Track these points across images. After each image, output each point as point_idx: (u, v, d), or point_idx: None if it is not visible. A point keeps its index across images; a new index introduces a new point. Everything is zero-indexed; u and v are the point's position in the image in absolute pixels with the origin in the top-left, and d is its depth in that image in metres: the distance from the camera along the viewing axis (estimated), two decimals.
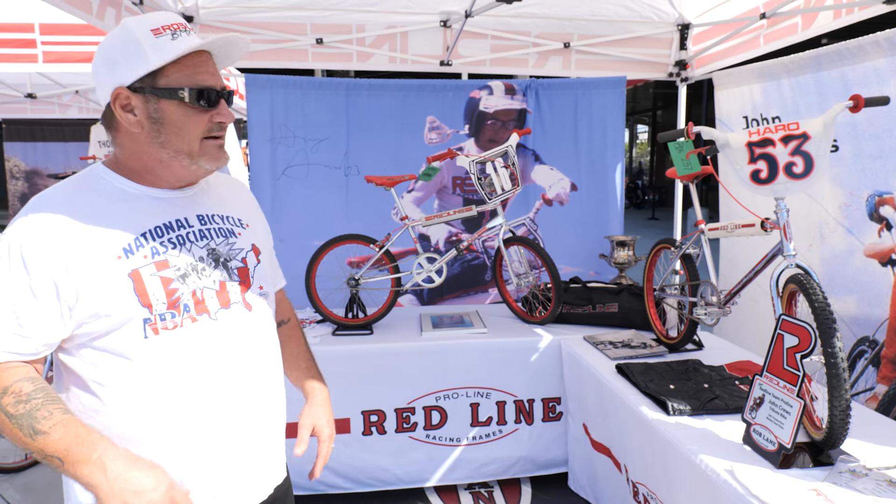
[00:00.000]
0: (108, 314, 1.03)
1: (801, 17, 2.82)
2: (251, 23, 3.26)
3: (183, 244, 1.13)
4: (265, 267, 1.28)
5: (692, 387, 2.11)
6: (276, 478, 1.28)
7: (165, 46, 1.05)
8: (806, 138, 1.76)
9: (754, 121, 3.22)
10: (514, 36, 3.49)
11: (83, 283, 1.01)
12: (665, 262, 2.68)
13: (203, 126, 1.10)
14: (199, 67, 1.10)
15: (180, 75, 1.07)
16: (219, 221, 1.21)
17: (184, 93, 1.07)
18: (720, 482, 1.55)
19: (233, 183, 1.36)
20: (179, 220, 1.14)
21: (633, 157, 27.68)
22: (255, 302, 1.22)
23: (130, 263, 1.05)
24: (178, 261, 1.11)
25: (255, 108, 3.48)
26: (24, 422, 0.98)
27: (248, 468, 1.19)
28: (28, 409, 0.98)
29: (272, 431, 1.25)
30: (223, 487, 1.15)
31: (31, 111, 5.58)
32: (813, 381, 1.69)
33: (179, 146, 1.09)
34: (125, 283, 1.04)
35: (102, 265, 1.03)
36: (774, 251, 1.93)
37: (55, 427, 0.97)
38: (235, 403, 1.16)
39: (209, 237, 1.17)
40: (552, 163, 3.75)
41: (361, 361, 2.71)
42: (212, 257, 1.16)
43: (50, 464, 0.99)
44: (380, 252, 2.89)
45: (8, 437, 1.00)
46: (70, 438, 0.97)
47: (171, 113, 1.07)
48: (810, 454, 1.61)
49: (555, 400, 2.84)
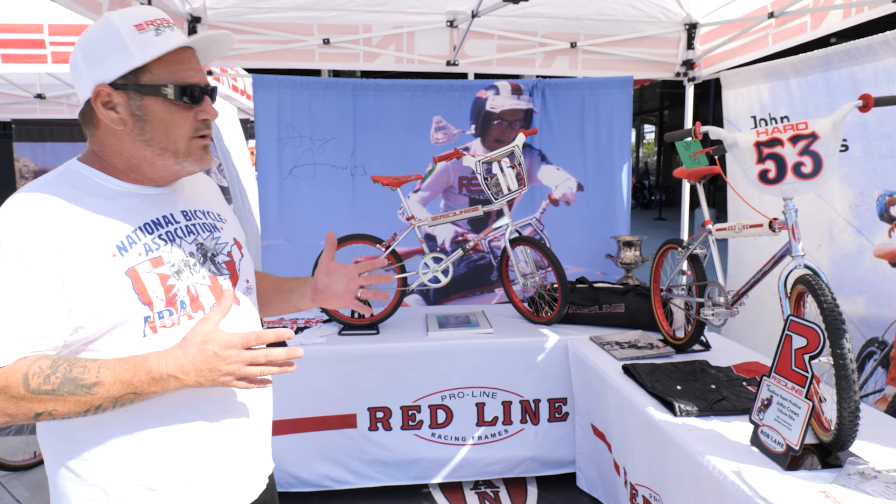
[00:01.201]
0: (107, 314, 1.00)
1: (810, 16, 2.80)
2: (259, 23, 3.27)
3: (173, 240, 1.11)
4: (248, 260, 1.29)
5: (699, 388, 2.10)
6: (267, 470, 1.30)
7: (150, 43, 1.03)
8: (815, 138, 1.74)
9: (762, 120, 3.20)
10: (521, 36, 3.48)
11: (80, 281, 0.98)
12: (672, 263, 2.67)
13: (189, 124, 1.09)
14: (184, 64, 1.08)
15: (164, 72, 1.05)
16: (201, 217, 1.20)
17: (168, 90, 1.05)
18: (727, 484, 1.54)
19: (203, 179, 1.35)
20: (166, 217, 1.13)
21: (640, 157, 27.59)
22: (243, 297, 1.22)
23: (126, 261, 1.03)
24: (171, 257, 1.09)
25: (262, 109, 3.49)
26: (69, 388, 0.94)
27: (244, 462, 1.20)
28: (61, 376, 0.95)
29: (263, 425, 1.27)
30: (222, 482, 1.15)
31: (41, 111, 5.61)
32: (821, 382, 1.68)
33: (165, 144, 1.07)
34: (123, 282, 1.02)
35: (97, 263, 1.00)
36: (783, 252, 1.92)
37: (101, 372, 0.96)
38: (231, 399, 1.16)
39: (196, 232, 1.16)
40: (558, 163, 3.74)
41: (367, 361, 2.72)
42: (200, 252, 1.15)
43: (125, 403, 0.98)
44: (386, 252, 2.89)
45: (69, 412, 0.96)
46: (123, 373, 0.96)
47: (155, 110, 1.05)
48: (819, 456, 1.60)
49: (561, 400, 2.83)
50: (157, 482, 1.08)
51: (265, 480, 1.28)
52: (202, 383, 1.01)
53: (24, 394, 0.94)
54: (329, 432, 2.73)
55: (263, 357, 1.02)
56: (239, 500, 1.20)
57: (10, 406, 0.95)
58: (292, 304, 1.42)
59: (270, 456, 1.33)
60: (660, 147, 24.76)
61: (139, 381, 0.97)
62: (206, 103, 1.11)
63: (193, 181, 1.27)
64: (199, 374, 1.00)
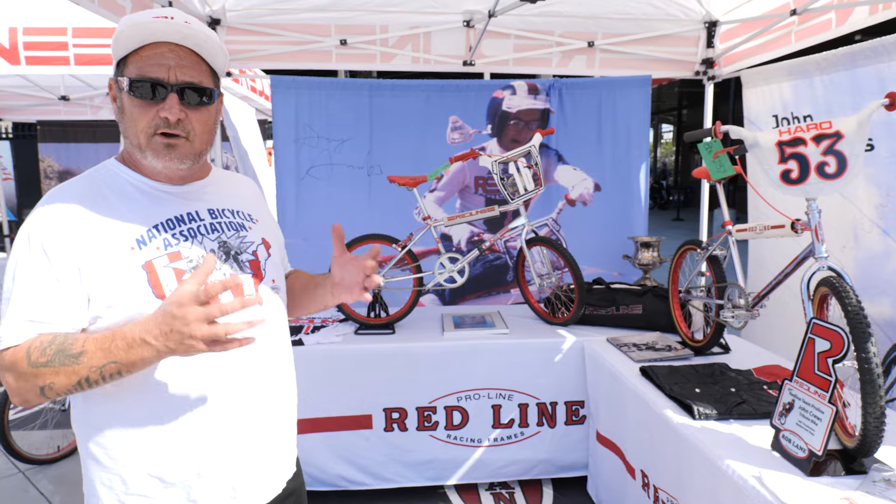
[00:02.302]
0: (122, 305, 1.03)
1: (834, 13, 2.74)
2: (277, 24, 3.30)
3: (194, 237, 1.13)
4: (276, 261, 1.29)
5: (718, 391, 2.07)
6: (289, 470, 1.29)
7: (133, 37, 1.06)
8: (839, 137, 1.71)
9: (784, 120, 3.15)
10: (538, 35, 3.46)
11: (99, 272, 1.03)
12: (691, 264, 2.64)
13: (146, 119, 1.07)
14: (154, 59, 1.06)
15: (132, 66, 1.07)
16: (229, 216, 1.22)
17: (123, 82, 1.07)
18: (748, 489, 1.52)
19: (241, 179, 1.37)
20: (190, 214, 1.15)
21: (658, 157, 27.33)
22: (268, 296, 1.22)
23: (144, 255, 1.06)
24: (190, 253, 1.11)
25: (280, 109, 3.52)
26: (60, 359, 0.96)
27: (263, 460, 1.20)
28: (55, 348, 0.97)
29: (285, 424, 1.26)
30: (241, 479, 1.16)
31: (65, 113, 5.72)
32: (845, 386, 1.65)
33: (133, 138, 1.10)
34: (139, 275, 1.05)
35: (116, 256, 1.04)
36: (805, 253, 1.89)
37: (86, 343, 0.97)
38: (249, 396, 1.16)
39: (220, 230, 1.18)
40: (575, 163, 3.72)
41: (383, 360, 2.72)
42: (223, 250, 1.16)
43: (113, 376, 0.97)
44: (402, 252, 2.89)
45: (62, 386, 0.97)
46: (103, 341, 0.96)
47: (126, 104, 1.08)
48: (842, 462, 1.57)
49: (578, 403, 2.81)
50: (171, 474, 1.09)
51: (284, 481, 1.27)
52: (173, 349, 0.95)
53: (27, 368, 0.97)
54: (345, 433, 2.74)
55: (217, 309, 0.94)
56: (255, 498, 1.19)
57: (21, 383, 0.99)
58: (319, 301, 1.40)
59: (295, 459, 1.32)
60: (678, 147, 24.51)
61: (115, 347, 0.96)
62: (167, 101, 1.07)
63: (232, 182, 1.30)
64: (165, 338, 0.95)
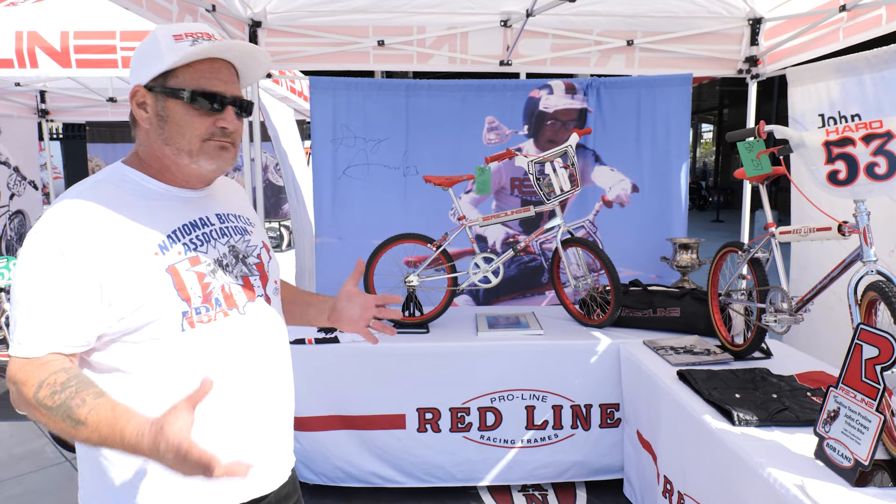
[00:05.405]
0: (148, 308, 1.07)
1: (885, 8, 2.65)
2: (316, 26, 3.35)
3: (208, 241, 1.19)
4: (275, 263, 1.36)
5: (759, 396, 2.02)
6: (290, 462, 1.34)
7: (181, 50, 1.11)
8: (890, 137, 1.66)
9: (831, 119, 3.05)
10: (576, 34, 3.43)
11: (123, 278, 1.05)
12: (731, 267, 2.58)
13: (203, 128, 1.14)
14: (210, 74, 1.14)
15: (188, 78, 1.13)
16: (234, 220, 1.28)
17: (185, 93, 1.12)
18: (790, 498, 1.48)
19: (234, 184, 1.42)
20: (202, 219, 1.21)
21: (697, 158, 26.76)
22: (273, 296, 1.30)
23: (167, 259, 1.11)
24: (207, 257, 1.17)
25: (318, 110, 3.58)
26: (62, 413, 0.97)
27: (270, 453, 1.25)
28: (63, 398, 0.98)
29: (287, 419, 1.32)
30: (250, 473, 1.18)
31: (112, 114, 5.95)
32: (893, 394, 1.59)
33: (180, 144, 1.14)
34: (164, 279, 1.09)
35: (141, 261, 1.08)
36: (853, 257, 1.83)
37: (90, 414, 0.96)
38: (259, 392, 1.21)
39: (229, 235, 1.24)
40: (613, 163, 3.68)
41: (417, 360, 2.74)
42: (233, 254, 1.23)
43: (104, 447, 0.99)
44: (437, 251, 2.91)
45: (54, 430, 1.00)
46: (105, 425, 0.96)
47: (174, 112, 1.13)
48: (889, 473, 1.52)
49: (613, 406, 2.78)
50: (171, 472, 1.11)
51: (284, 476, 1.30)
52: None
53: (31, 399, 1.00)
54: (378, 432, 2.77)
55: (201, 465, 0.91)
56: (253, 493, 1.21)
57: (20, 402, 1.02)
58: (307, 318, 1.48)
59: (292, 451, 1.36)
60: (718, 147, 23.94)
61: (112, 439, 0.96)
62: (227, 113, 1.16)
63: (225, 186, 1.36)
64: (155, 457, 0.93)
